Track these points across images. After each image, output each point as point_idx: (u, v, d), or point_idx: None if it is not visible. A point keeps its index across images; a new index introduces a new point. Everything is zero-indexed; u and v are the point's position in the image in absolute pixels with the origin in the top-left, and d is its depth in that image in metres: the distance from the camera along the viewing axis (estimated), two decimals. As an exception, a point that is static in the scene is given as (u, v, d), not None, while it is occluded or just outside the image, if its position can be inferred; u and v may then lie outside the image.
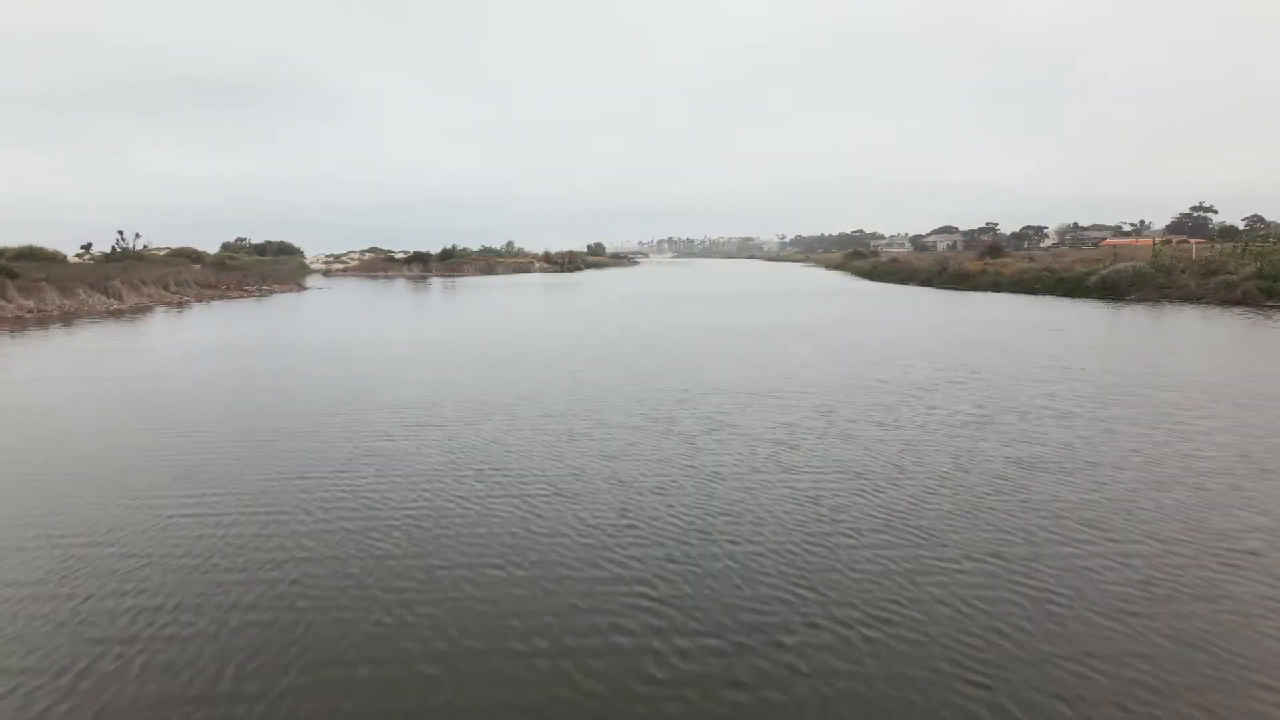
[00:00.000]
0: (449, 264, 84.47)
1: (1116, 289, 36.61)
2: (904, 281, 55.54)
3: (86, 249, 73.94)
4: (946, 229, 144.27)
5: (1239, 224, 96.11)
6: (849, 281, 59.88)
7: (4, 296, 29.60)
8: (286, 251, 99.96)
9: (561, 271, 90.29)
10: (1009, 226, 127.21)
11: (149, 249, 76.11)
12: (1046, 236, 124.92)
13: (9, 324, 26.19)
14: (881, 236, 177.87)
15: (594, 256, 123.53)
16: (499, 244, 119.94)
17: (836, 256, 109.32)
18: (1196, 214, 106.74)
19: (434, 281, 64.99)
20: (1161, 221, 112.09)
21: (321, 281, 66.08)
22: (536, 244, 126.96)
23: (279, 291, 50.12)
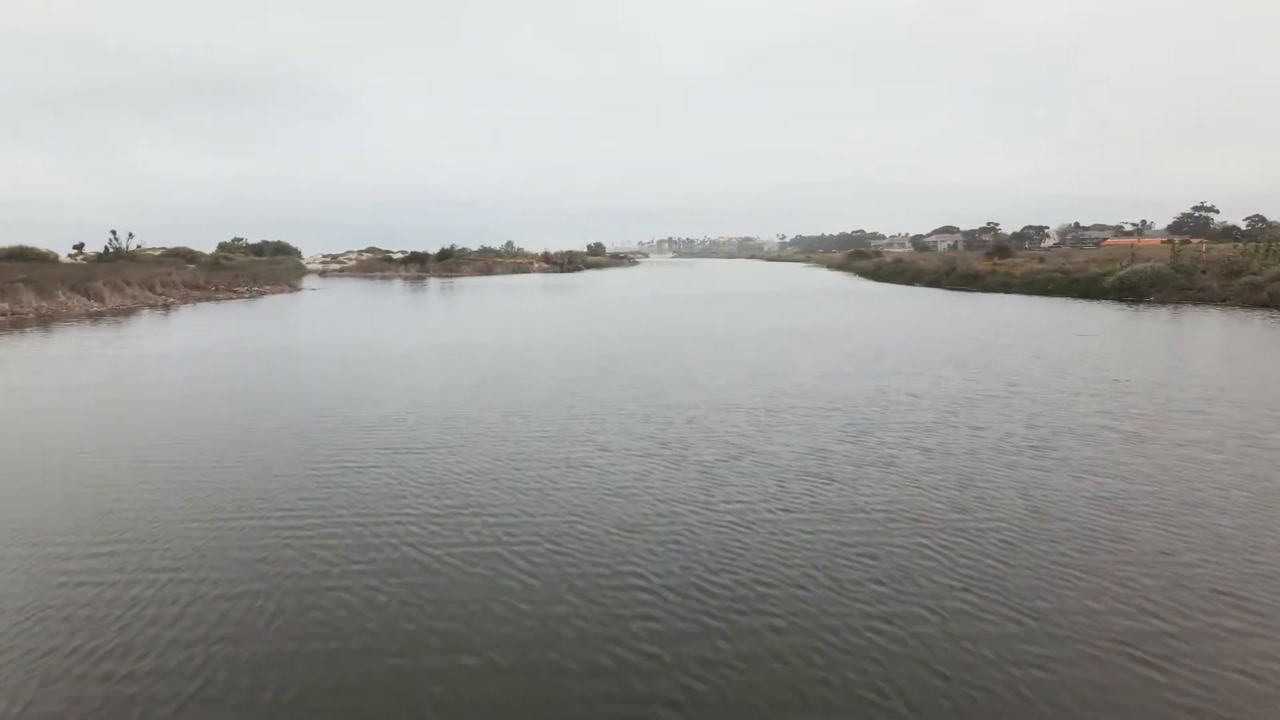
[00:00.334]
0: (447, 264, 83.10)
1: (1135, 290, 35.35)
2: (910, 282, 54.21)
3: (79, 249, 72.77)
4: (947, 229, 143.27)
5: (1240, 224, 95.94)
6: (853, 282, 58.53)
7: (-25, 299, 28.19)
8: (284, 251, 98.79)
9: (561, 272, 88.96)
10: (1009, 226, 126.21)
11: (142, 249, 74.92)
12: (1048, 236, 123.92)
13: (-24, 328, 24.79)
14: (882, 236, 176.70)
15: (594, 257, 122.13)
16: (499, 244, 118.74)
17: (838, 257, 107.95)
18: (1198, 214, 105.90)
19: (431, 282, 63.59)
20: (1162, 221, 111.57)
21: (317, 282, 64.70)
22: (536, 244, 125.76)
23: (271, 292, 48.71)
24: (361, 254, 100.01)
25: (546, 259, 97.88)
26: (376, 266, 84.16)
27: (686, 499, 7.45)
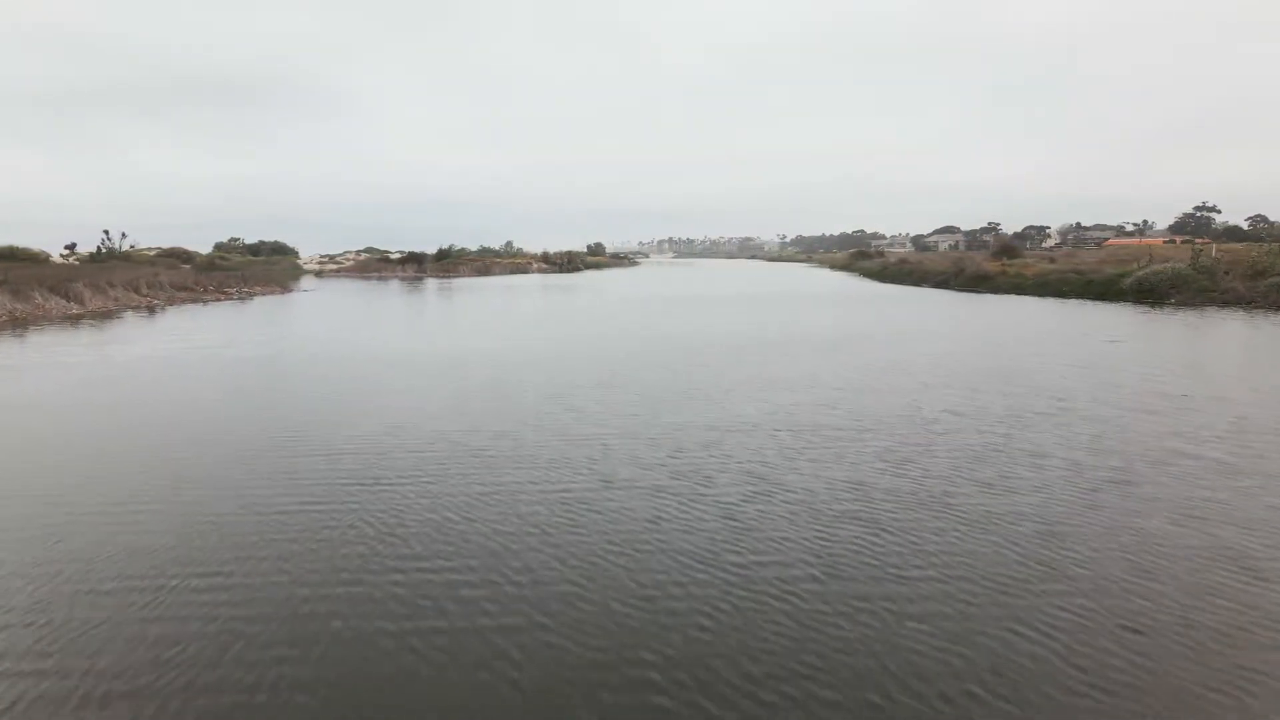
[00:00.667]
0: (444, 265, 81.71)
1: (1154, 292, 34.08)
2: (918, 283, 52.90)
3: (71, 249, 71.56)
4: (948, 229, 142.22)
5: (1243, 224, 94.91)
6: (858, 283, 57.23)
7: (-56, 301, 26.84)
8: (280, 252, 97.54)
9: (560, 272, 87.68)
10: (1010, 226, 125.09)
11: (135, 249, 73.61)
12: (1049, 236, 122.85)
13: (-59, 332, 23.42)
14: (883, 236, 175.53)
15: (593, 257, 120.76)
16: (498, 244, 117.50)
17: (841, 257, 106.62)
18: (1200, 214, 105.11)
19: (428, 283, 62.24)
20: (1164, 221, 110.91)
21: (312, 283, 63.37)
22: (536, 244, 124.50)
23: (261, 294, 47.34)
24: (359, 254, 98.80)
25: (545, 259, 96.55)
26: (373, 267, 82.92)
27: (710, 556, 6.10)
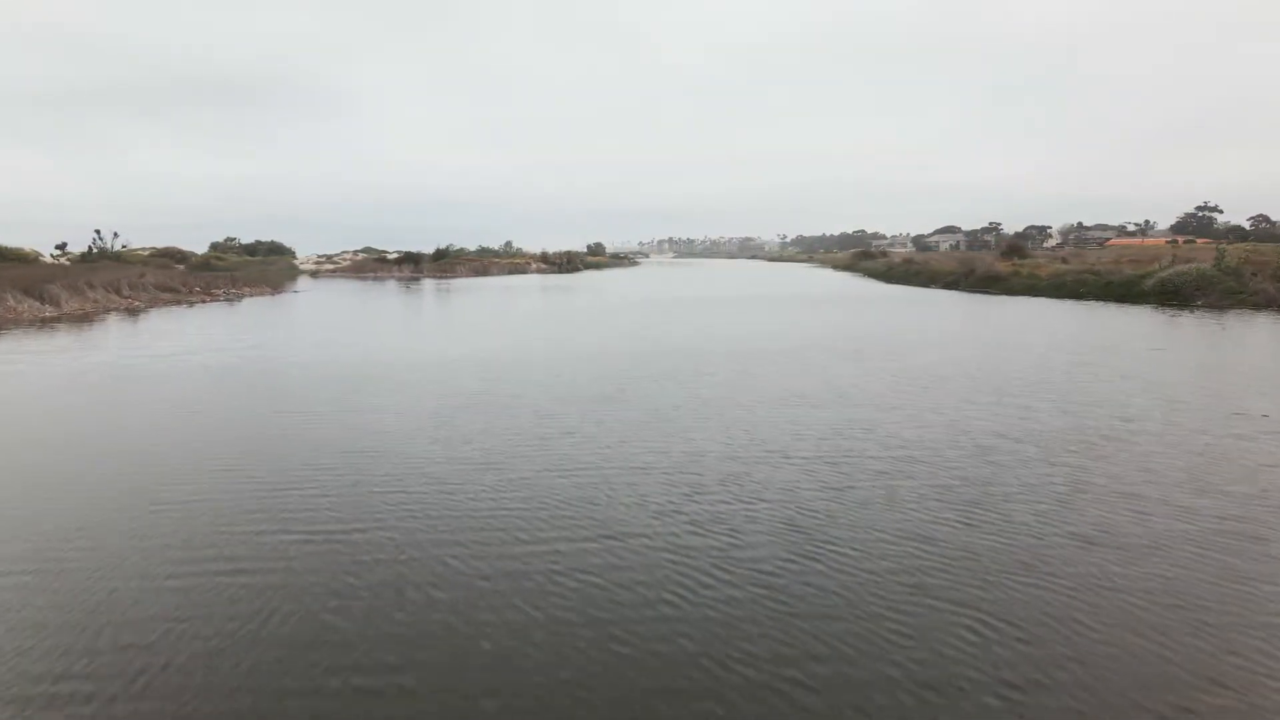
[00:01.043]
0: (441, 265, 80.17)
1: (1178, 294, 32.62)
2: (926, 284, 51.39)
3: (62, 249, 70.22)
4: (949, 229, 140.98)
5: (1244, 224, 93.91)
6: (864, 284, 55.77)
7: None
8: (277, 252, 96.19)
9: (559, 272, 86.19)
10: (1010, 226, 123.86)
11: (128, 249, 72.16)
12: (1050, 236, 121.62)
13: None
14: (883, 236, 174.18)
15: (593, 257, 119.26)
16: (498, 244, 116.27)
17: (843, 257, 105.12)
18: (1201, 213, 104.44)
19: (425, 283, 60.73)
20: (1165, 221, 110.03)
21: (307, 284, 61.84)
22: (536, 244, 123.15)
23: (251, 295, 45.78)
24: (356, 254, 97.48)
25: (544, 259, 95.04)
26: (370, 267, 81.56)
27: (751, 654, 4.60)
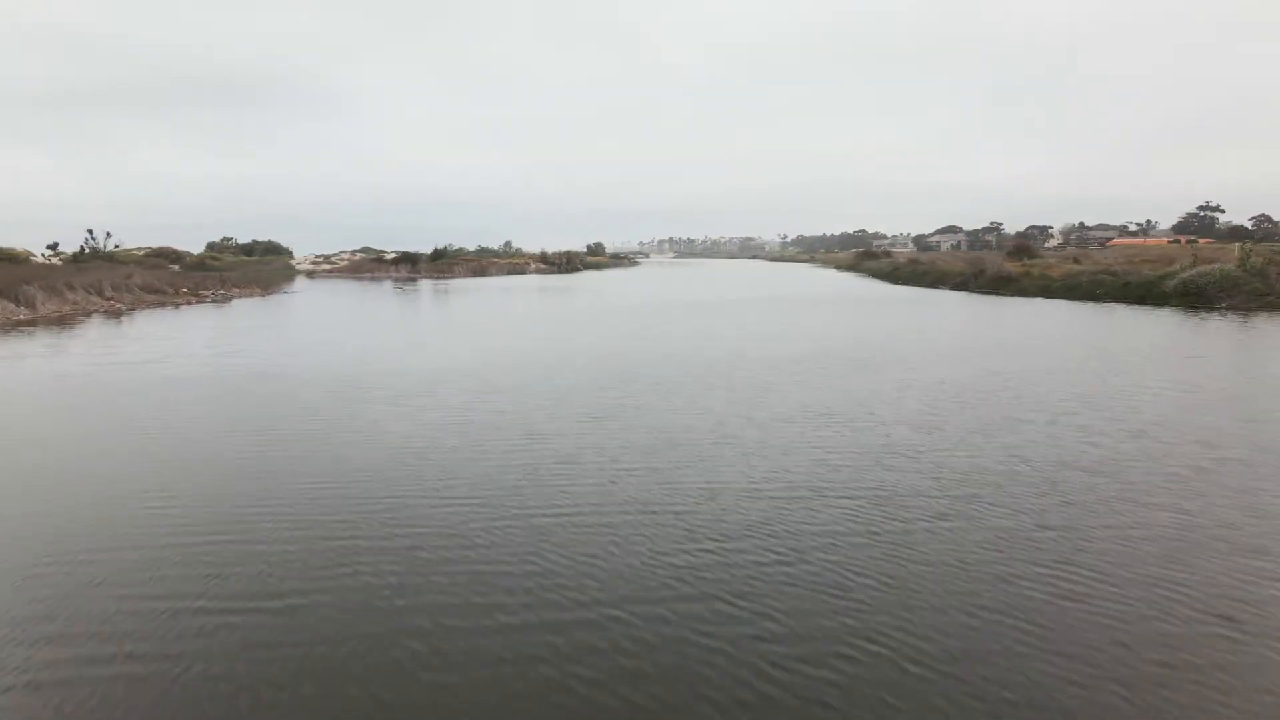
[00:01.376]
0: (439, 265, 78.96)
1: (1201, 295, 31.45)
2: (934, 285, 50.08)
3: (54, 248, 69.14)
4: (950, 229, 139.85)
5: (1246, 224, 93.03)
6: (869, 285, 54.56)
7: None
8: (274, 252, 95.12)
9: (558, 273, 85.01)
10: (1011, 226, 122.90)
11: (121, 249, 71.01)
12: (1051, 236, 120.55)
13: None
14: (884, 236, 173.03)
15: (593, 257, 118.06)
16: (498, 244, 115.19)
17: (846, 257, 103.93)
18: (1203, 213, 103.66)
19: (422, 284, 59.50)
20: (1166, 221, 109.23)
21: (302, 284, 60.63)
22: (535, 244, 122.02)
23: (241, 296, 44.53)
24: (354, 254, 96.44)
25: (544, 259, 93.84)
26: (366, 267, 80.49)
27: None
